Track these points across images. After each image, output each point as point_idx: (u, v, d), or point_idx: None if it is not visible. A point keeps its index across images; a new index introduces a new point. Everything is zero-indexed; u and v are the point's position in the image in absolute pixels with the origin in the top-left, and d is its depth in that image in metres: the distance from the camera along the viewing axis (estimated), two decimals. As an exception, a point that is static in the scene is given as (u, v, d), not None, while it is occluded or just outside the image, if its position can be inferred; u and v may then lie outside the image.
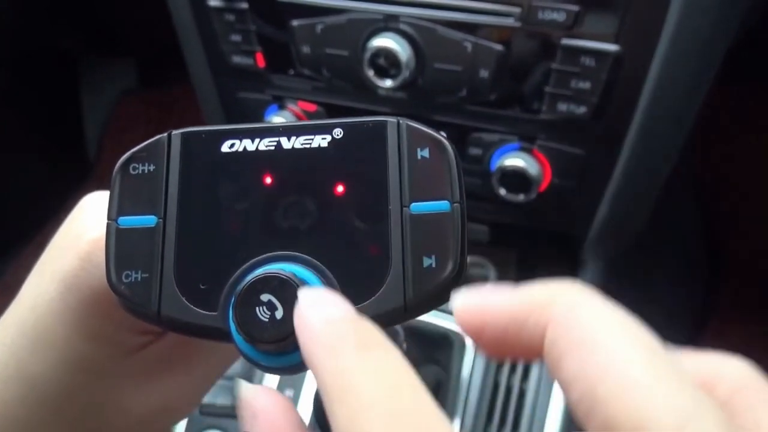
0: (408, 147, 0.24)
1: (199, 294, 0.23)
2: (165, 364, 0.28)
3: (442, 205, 0.23)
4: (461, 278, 0.23)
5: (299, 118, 0.64)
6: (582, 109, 0.54)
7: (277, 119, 0.63)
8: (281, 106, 0.65)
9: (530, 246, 0.70)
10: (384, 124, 0.24)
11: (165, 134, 0.24)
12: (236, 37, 0.62)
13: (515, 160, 0.57)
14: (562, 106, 0.54)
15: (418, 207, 0.23)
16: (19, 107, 1.13)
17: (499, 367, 0.59)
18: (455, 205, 0.23)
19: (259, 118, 0.65)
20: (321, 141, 0.24)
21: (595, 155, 0.57)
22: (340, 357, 0.18)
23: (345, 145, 0.24)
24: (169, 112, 1.35)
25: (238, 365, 0.60)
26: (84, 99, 1.29)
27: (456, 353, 0.60)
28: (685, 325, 1.09)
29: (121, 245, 0.23)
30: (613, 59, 0.51)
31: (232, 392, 0.58)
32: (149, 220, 0.23)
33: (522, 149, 0.58)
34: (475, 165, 0.60)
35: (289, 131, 0.24)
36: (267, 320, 0.21)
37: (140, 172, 0.24)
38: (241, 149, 0.24)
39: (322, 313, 0.19)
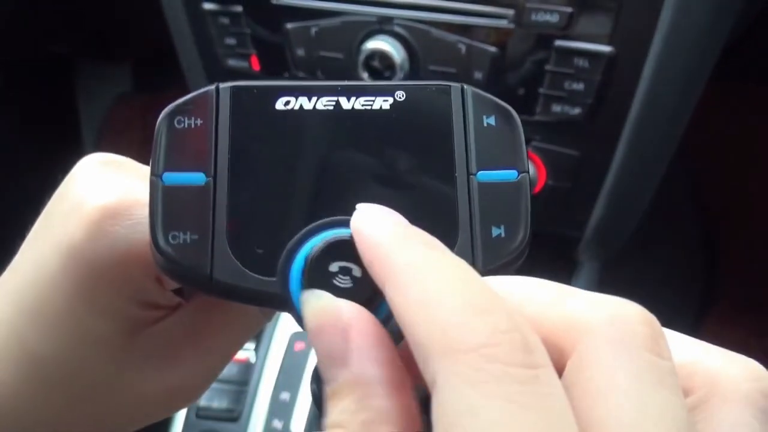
0: (474, 113, 0.23)
1: (255, 258, 0.21)
2: (178, 341, 0.26)
3: (509, 174, 0.23)
4: (527, 251, 0.22)
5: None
6: (576, 110, 0.54)
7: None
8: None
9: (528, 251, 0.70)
10: (448, 88, 0.23)
11: (212, 87, 0.23)
12: (231, 41, 0.62)
13: (510, 162, 0.57)
14: (557, 108, 0.54)
15: (485, 176, 0.22)
16: (14, 112, 1.13)
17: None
18: (523, 174, 0.23)
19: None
20: (383, 103, 0.23)
21: (589, 156, 0.57)
22: (412, 249, 0.18)
23: (408, 108, 0.23)
24: (165, 115, 1.35)
25: (235, 368, 0.59)
26: (80, 103, 1.29)
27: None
28: (681, 326, 1.09)
29: (168, 203, 0.21)
30: (607, 60, 0.51)
31: (228, 396, 0.58)
32: (198, 178, 0.22)
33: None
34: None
35: (348, 91, 0.23)
36: (344, 284, 0.20)
37: (186, 126, 0.22)
38: (297, 107, 0.23)
39: (389, 217, 0.19)
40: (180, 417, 0.59)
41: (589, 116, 0.54)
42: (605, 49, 0.51)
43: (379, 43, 0.55)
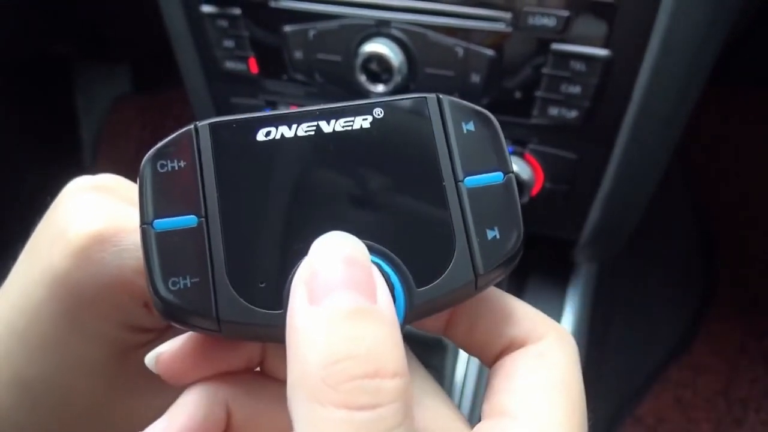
0: (453, 122, 0.24)
1: (259, 293, 0.21)
2: None
3: (495, 177, 0.23)
4: (522, 249, 0.23)
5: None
6: (573, 113, 0.54)
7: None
8: (274, 111, 0.65)
9: (523, 249, 0.70)
10: (424, 100, 0.24)
11: (190, 127, 0.23)
12: (229, 43, 0.62)
13: (507, 164, 0.57)
14: (554, 111, 0.54)
15: (472, 181, 0.23)
16: (13, 113, 1.13)
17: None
18: (508, 175, 0.23)
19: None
20: (362, 122, 0.23)
21: (586, 159, 0.57)
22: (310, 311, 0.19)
23: (388, 124, 0.23)
24: (164, 116, 1.35)
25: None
26: (79, 104, 1.29)
27: (450, 358, 0.60)
28: (679, 326, 1.10)
29: (163, 250, 0.21)
30: (604, 63, 0.52)
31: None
32: (189, 221, 0.22)
33: (514, 153, 0.58)
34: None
35: (327, 115, 0.23)
36: None
37: (170, 169, 0.22)
38: (278, 137, 0.23)
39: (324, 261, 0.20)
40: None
41: (586, 119, 0.54)
42: (602, 52, 0.51)
43: (376, 47, 0.55)
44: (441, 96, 0.24)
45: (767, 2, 0.65)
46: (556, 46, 0.52)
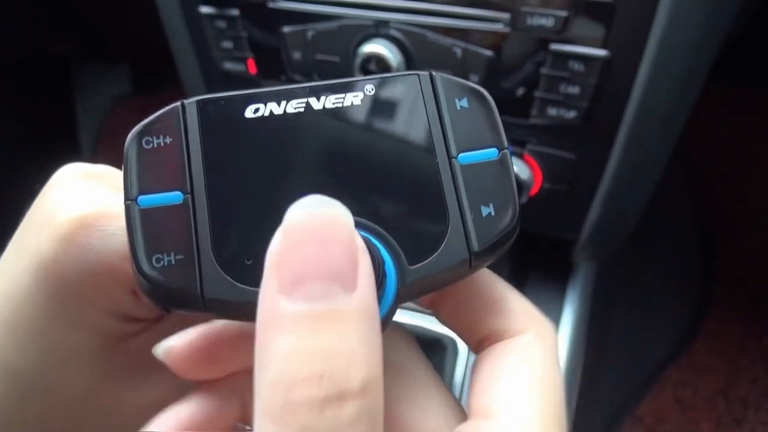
0: (446, 98, 0.23)
1: (245, 270, 0.20)
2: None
3: (490, 153, 0.23)
4: (518, 227, 0.22)
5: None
6: (572, 114, 0.54)
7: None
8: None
9: (523, 249, 0.70)
10: (416, 77, 0.23)
11: (177, 104, 0.22)
12: (227, 44, 0.62)
13: (506, 165, 0.57)
14: (552, 111, 0.54)
15: (466, 157, 0.22)
16: (12, 114, 1.13)
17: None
18: (504, 151, 0.23)
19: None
20: (353, 99, 0.23)
21: (585, 159, 0.57)
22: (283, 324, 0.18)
23: (379, 101, 0.23)
24: (163, 116, 1.35)
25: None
26: (78, 105, 1.29)
27: (449, 357, 0.60)
28: (678, 325, 1.10)
29: (147, 226, 0.21)
30: (602, 63, 0.52)
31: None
32: (175, 197, 0.21)
33: (512, 153, 0.58)
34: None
35: (317, 91, 0.23)
36: None
37: (155, 145, 0.22)
38: (267, 113, 0.22)
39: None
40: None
41: (585, 119, 0.54)
42: (600, 52, 0.51)
43: (375, 47, 0.55)
44: (434, 72, 0.23)
45: (766, 2, 0.65)
46: (555, 47, 0.52)
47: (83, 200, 0.24)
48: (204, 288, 0.20)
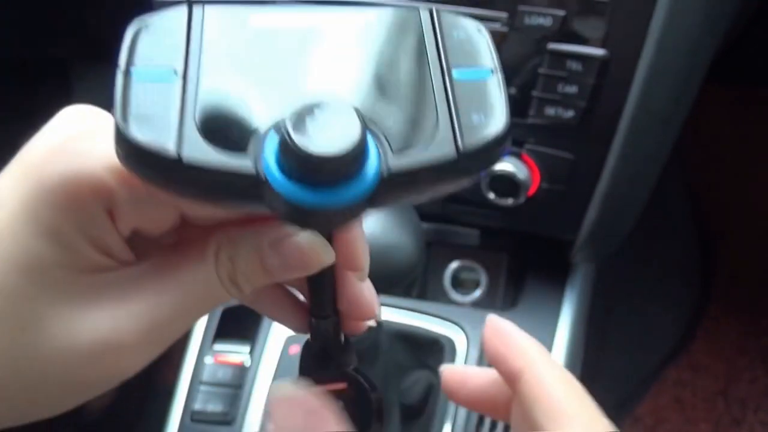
0: (444, 26, 0.25)
1: (227, 139, 0.21)
2: (121, 293, 0.25)
3: (483, 73, 0.24)
4: (508, 140, 0.23)
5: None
6: (570, 113, 0.54)
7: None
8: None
9: (521, 249, 0.70)
10: (417, 9, 0.25)
11: (184, 2, 0.23)
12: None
13: (504, 165, 0.57)
14: (550, 111, 0.54)
15: (460, 74, 0.23)
16: (11, 115, 1.13)
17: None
18: (497, 74, 0.24)
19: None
20: (357, 16, 0.24)
21: (583, 159, 0.57)
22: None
23: (382, 23, 0.24)
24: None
25: (229, 371, 0.59)
26: (77, 105, 1.29)
27: (447, 358, 0.60)
28: (677, 325, 1.10)
29: (136, 95, 0.21)
30: (600, 63, 0.51)
31: (222, 399, 0.58)
32: (167, 73, 0.22)
33: (510, 153, 0.58)
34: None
35: (322, 6, 0.24)
36: (329, 134, 0.20)
37: (157, 29, 0.23)
38: (272, 23, 0.24)
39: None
40: (174, 420, 0.59)
41: (583, 119, 0.54)
42: (598, 52, 0.51)
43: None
44: (435, 8, 0.25)
45: (766, 2, 0.65)
46: (553, 46, 0.52)
47: (81, 120, 0.25)
48: (182, 149, 0.20)
